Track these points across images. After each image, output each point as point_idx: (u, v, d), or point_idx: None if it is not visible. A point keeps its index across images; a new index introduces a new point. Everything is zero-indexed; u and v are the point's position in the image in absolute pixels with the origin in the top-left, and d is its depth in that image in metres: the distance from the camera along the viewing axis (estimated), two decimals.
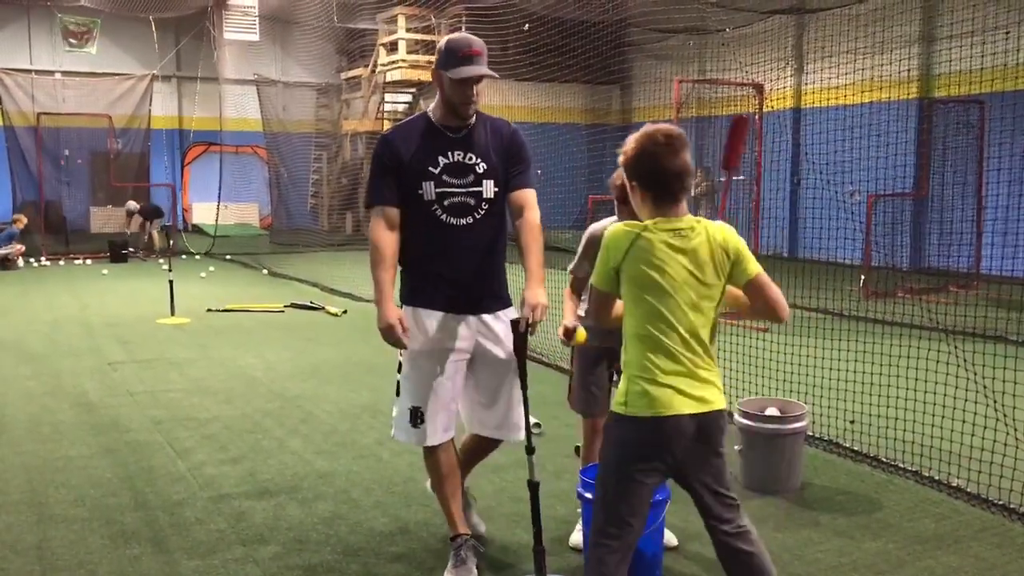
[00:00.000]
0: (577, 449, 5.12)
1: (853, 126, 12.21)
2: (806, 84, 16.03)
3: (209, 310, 10.44)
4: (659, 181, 2.72)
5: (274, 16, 20.97)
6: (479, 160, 3.53)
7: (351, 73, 21.97)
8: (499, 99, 18.97)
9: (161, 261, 14.70)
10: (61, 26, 19.55)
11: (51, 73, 20.92)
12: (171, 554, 3.80)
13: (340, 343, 8.62)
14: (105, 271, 14.89)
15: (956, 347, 5.82)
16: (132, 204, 17.27)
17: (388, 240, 3.50)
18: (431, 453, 3.62)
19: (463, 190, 3.50)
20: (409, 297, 3.61)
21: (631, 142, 2.78)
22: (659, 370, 2.66)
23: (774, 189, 14.11)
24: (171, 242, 13.26)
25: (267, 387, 6.81)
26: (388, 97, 21.46)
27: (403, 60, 19.89)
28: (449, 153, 3.51)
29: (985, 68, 10.82)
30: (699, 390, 2.67)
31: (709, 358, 2.73)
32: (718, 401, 2.72)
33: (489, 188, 3.53)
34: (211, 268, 15.18)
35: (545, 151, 17.81)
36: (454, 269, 3.53)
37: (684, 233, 2.69)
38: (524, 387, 3.45)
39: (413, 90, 21.40)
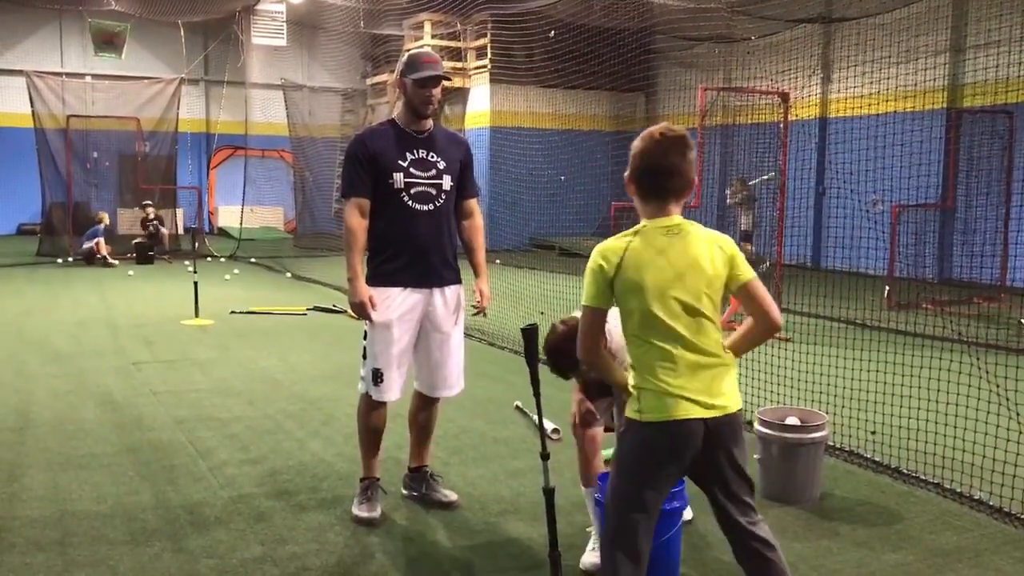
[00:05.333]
0: None
1: (879, 136, 12.13)
2: (832, 93, 15.95)
3: (233, 312, 10.52)
4: (646, 177, 2.70)
5: (301, 21, 21.12)
6: (439, 159, 4.19)
7: (377, 79, 22.08)
8: (524, 105, 19.02)
9: (187, 263, 14.83)
10: (92, 30, 19.77)
11: (81, 76, 21.18)
12: (191, 553, 3.83)
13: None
14: (131, 272, 15.04)
15: (979, 359, 5.77)
16: (151, 211, 17.39)
17: (361, 226, 4.12)
18: (376, 407, 4.26)
19: (427, 181, 4.15)
20: (375, 278, 4.16)
21: (637, 139, 2.77)
22: (665, 374, 2.64)
23: (799, 199, 14.03)
24: (196, 244, 13.34)
25: (289, 389, 6.85)
26: None
27: None
28: (414, 150, 4.15)
29: (1013, 78, 10.73)
30: (706, 394, 2.64)
31: (717, 356, 2.68)
32: (731, 404, 2.68)
33: (447, 182, 4.20)
34: (236, 271, 15.30)
35: (569, 158, 17.78)
36: (416, 248, 4.13)
37: (674, 231, 2.68)
38: (537, 393, 3.47)
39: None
